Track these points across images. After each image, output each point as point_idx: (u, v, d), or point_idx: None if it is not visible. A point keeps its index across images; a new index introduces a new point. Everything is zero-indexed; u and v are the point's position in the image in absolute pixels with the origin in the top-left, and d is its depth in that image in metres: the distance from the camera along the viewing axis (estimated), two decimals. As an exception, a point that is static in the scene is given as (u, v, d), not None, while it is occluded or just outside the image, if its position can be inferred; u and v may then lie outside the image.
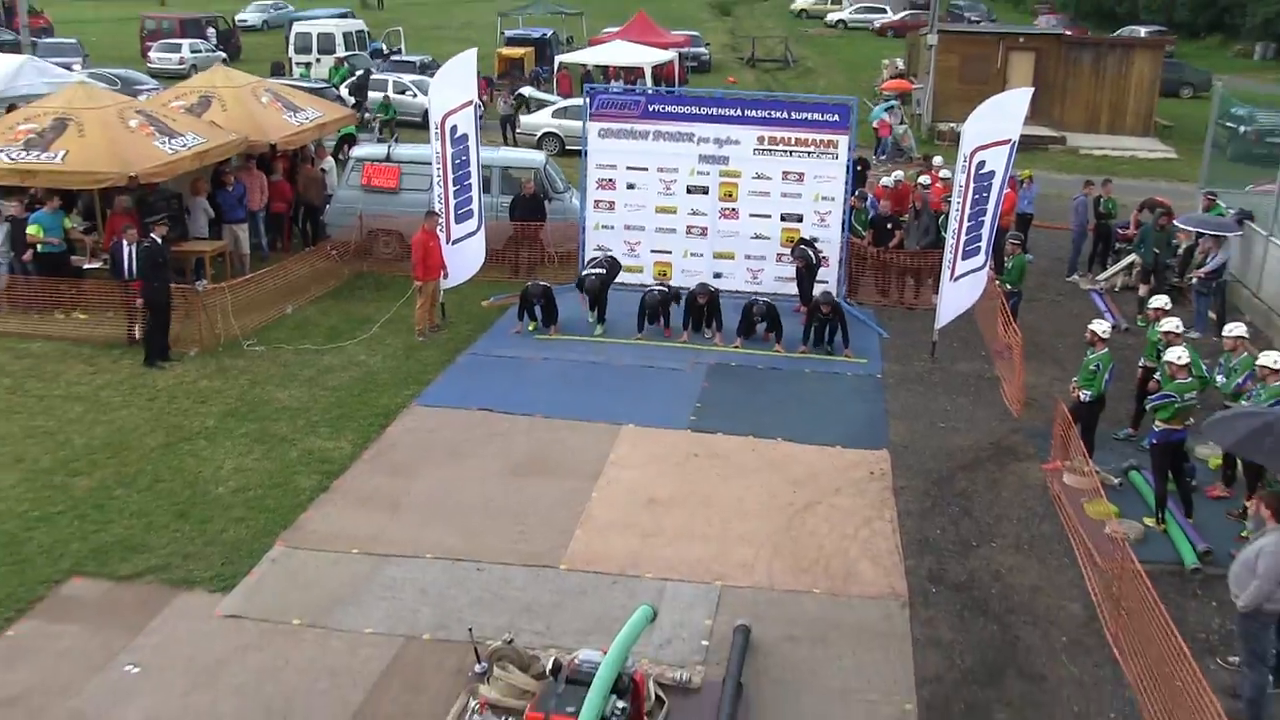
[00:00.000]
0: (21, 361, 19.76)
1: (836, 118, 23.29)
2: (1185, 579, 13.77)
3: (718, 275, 23.58)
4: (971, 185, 19.89)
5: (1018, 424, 18.05)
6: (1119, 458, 16.61)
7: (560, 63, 48.66)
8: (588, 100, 24.10)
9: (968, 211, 20.07)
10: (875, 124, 39.38)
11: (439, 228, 21.35)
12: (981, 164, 19.89)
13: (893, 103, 42.51)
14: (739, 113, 23.51)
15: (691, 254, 23.72)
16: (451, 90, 21.54)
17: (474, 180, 22.24)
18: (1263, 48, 64.37)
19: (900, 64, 55.92)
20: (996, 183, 20.23)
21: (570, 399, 18.47)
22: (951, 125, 38.40)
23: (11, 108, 26.02)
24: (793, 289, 22.78)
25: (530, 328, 21.66)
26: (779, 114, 23.46)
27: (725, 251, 23.73)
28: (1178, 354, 14.94)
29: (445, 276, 21.65)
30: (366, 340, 20.91)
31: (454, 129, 21.43)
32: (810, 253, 22.22)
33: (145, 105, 24.90)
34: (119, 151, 21.76)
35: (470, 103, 21.91)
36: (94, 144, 21.79)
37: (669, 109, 23.77)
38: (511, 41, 53.54)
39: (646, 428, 17.48)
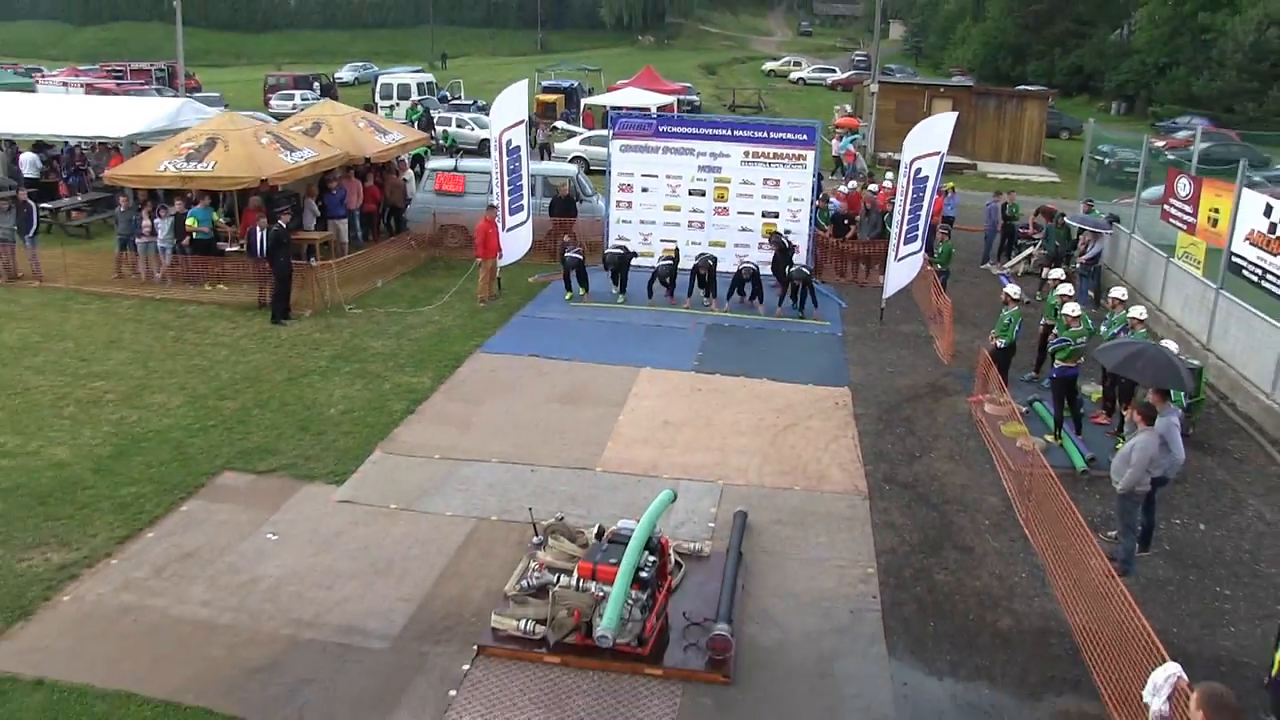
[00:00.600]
0: (181, 319, 19.73)
1: (805, 137, 23.22)
2: (1076, 479, 13.76)
3: (712, 260, 23.40)
4: (911, 187, 19.80)
5: (948, 369, 17.98)
6: (1024, 395, 16.54)
7: (585, 105, 48.54)
8: (611, 123, 24.03)
9: (908, 207, 19.99)
10: (843, 153, 39.28)
11: (496, 218, 21.23)
12: (919, 170, 19.79)
13: (855, 136, 42.42)
14: (729, 133, 23.38)
15: (692, 242, 23.41)
16: (508, 111, 21.41)
17: (524, 182, 22.15)
18: (1117, 105, 65.32)
19: (849, 108, 55.76)
20: (930, 185, 20.14)
21: (600, 348, 18.40)
22: (890, 154, 38.35)
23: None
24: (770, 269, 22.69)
25: (567, 296, 21.62)
26: (760, 134, 23.35)
27: (718, 240, 23.55)
28: (1073, 308, 14.94)
29: (501, 256, 21.56)
30: (440, 306, 20.82)
31: (509, 142, 21.30)
32: (784, 240, 22.00)
33: (273, 128, 24.77)
34: (254, 161, 21.81)
35: (522, 121, 21.81)
36: (236, 156, 21.81)
37: (675, 130, 23.67)
38: (546, 90, 53.37)
39: (660, 370, 17.40)
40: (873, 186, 26.48)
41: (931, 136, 20.02)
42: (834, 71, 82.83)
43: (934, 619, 10.51)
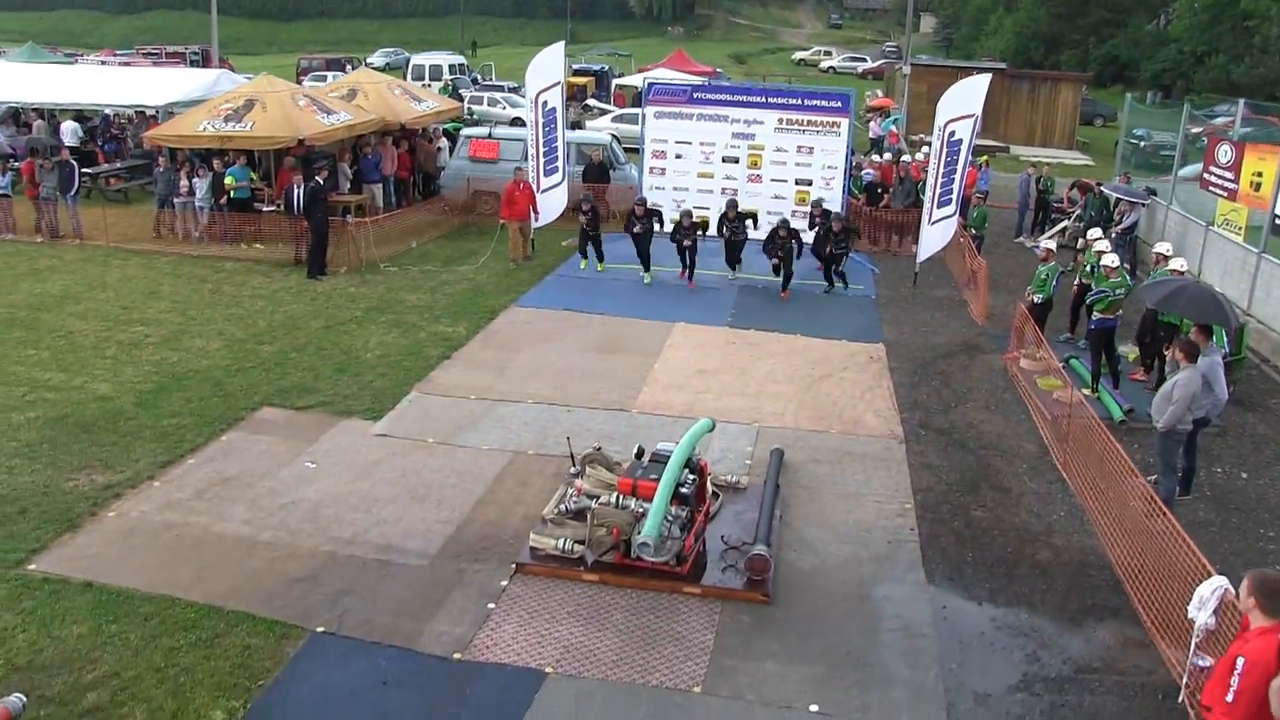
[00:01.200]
0: (218, 274, 19.90)
1: (839, 104, 23.11)
2: (1114, 429, 13.61)
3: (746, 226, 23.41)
4: (944, 150, 19.73)
5: (982, 330, 17.90)
6: (1061, 354, 16.40)
7: (617, 84, 48.66)
8: (646, 90, 24.01)
9: (941, 170, 19.91)
10: (886, 134, 39.06)
11: (521, 181, 21.28)
12: (952, 133, 19.71)
13: (897, 117, 42.21)
14: (763, 100, 23.31)
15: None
16: (544, 73, 21.44)
17: (559, 144, 22.18)
18: (1153, 94, 64.57)
19: (880, 93, 55.54)
20: (964, 148, 20.03)
21: (634, 305, 18.44)
22: (921, 136, 38.09)
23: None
24: (811, 237, 22.52)
25: (582, 266, 21.06)
26: (794, 101, 23.27)
27: (751, 208, 23.44)
28: (1112, 259, 14.86)
29: (536, 217, 21.58)
30: (474, 266, 20.88)
31: (544, 103, 21.35)
32: (829, 218, 20.60)
33: (310, 91, 24.94)
34: (291, 122, 21.97)
35: (558, 83, 21.83)
36: (273, 117, 22.00)
37: (709, 97, 23.62)
38: (577, 73, 53.42)
39: (694, 324, 17.43)
40: (906, 157, 26.37)
41: (966, 99, 19.91)
42: (864, 60, 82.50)
43: (972, 550, 10.46)
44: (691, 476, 9.73)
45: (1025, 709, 8.04)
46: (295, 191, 20.35)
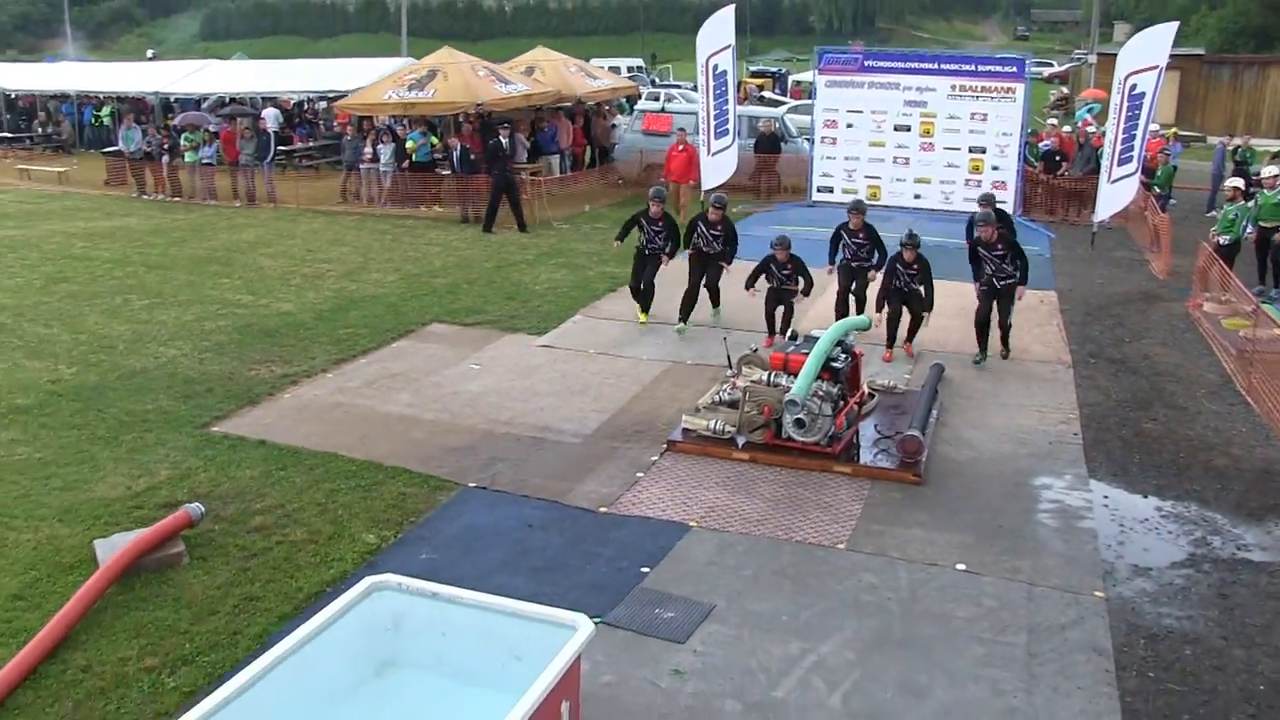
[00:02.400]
0: (399, 228, 20.85)
1: (1014, 70, 22.59)
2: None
3: (916, 196, 23.09)
4: (1125, 104, 19.00)
5: (1163, 284, 17.15)
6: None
7: (794, 80, 48.76)
8: (817, 58, 23.94)
9: (1122, 125, 19.17)
10: (1080, 122, 37.91)
11: (701, 143, 21.47)
12: (1134, 86, 18.93)
13: (1095, 106, 40.85)
14: (936, 66, 22.96)
15: (896, 179, 23.21)
16: (715, 36, 21.61)
17: (730, 107, 22.27)
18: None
19: (1065, 90, 53.91)
20: (1146, 102, 19.16)
21: (803, 255, 18.30)
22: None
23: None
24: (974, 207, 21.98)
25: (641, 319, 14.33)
26: (968, 67, 22.82)
27: (924, 177, 23.16)
28: (1271, 169, 14.04)
29: (694, 180, 21.64)
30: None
31: (715, 66, 21.52)
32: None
33: (490, 64, 25.80)
34: (471, 90, 22.84)
35: (728, 46, 21.94)
36: (454, 85, 22.92)
37: (881, 64, 23.39)
38: (755, 75, 53.79)
39: (860, 272, 17.23)
40: (1090, 127, 25.50)
41: (1149, 49, 19.11)
42: (1050, 65, 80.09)
43: (1139, 454, 10.03)
44: (844, 355, 9.66)
45: (1191, 583, 7.66)
46: (456, 150, 21.23)
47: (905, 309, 12.88)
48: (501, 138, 20.75)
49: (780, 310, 13.39)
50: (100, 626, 6.69)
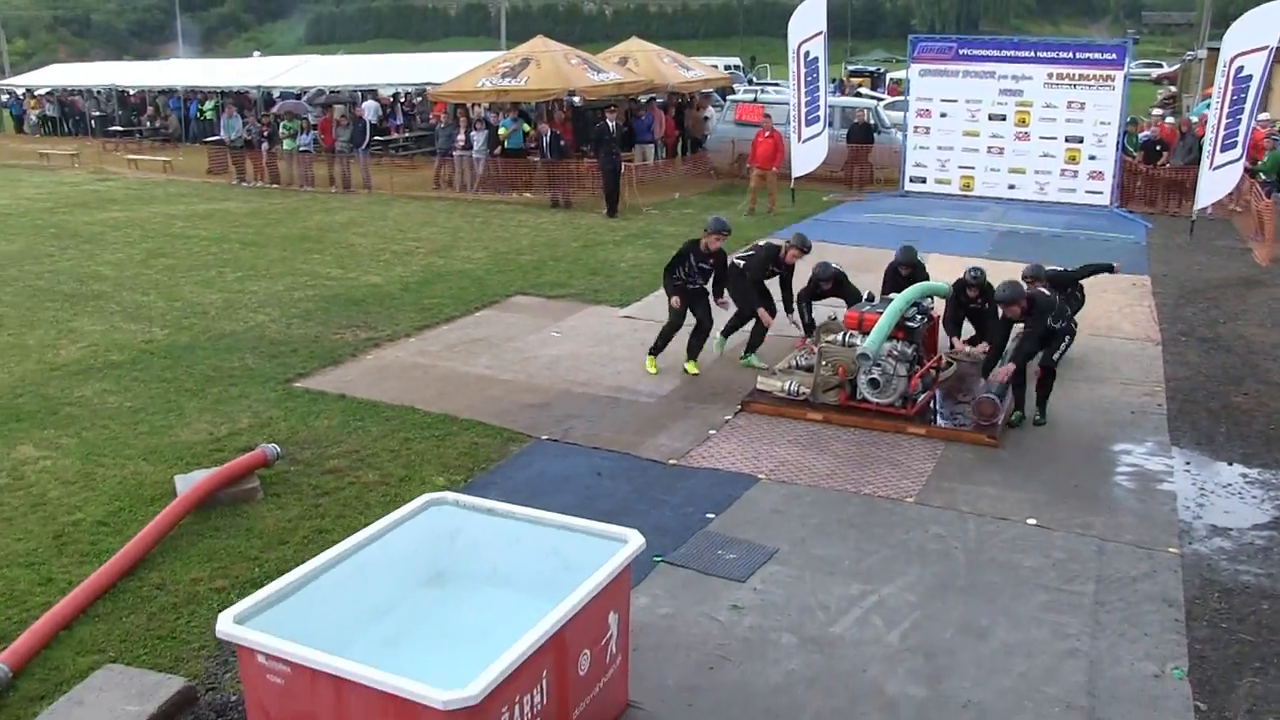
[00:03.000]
0: (489, 212, 21.23)
1: (1113, 57, 22.10)
2: None
3: (1011, 187, 22.74)
4: (1230, 88, 18.50)
5: (1266, 270, 16.65)
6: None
7: (891, 79, 48.43)
8: (911, 46, 23.73)
9: (1225, 109, 18.66)
10: (1196, 119, 36.94)
11: (791, 131, 21.45)
12: (1240, 69, 18.43)
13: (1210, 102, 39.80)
14: (1032, 54, 22.54)
15: (990, 169, 22.90)
16: (806, 23, 21.59)
17: (821, 93, 22.20)
18: None
19: (1173, 87, 52.68)
20: (1253, 86, 18.63)
21: (891, 239, 18.13)
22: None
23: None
24: (1085, 198, 21.74)
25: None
26: (1065, 54, 22.39)
27: (1018, 167, 22.80)
28: None
29: (776, 168, 21.59)
30: (736, 210, 21.16)
31: (807, 53, 21.49)
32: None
33: (583, 53, 26.09)
34: (563, 77, 23.18)
35: (820, 33, 21.85)
36: (547, 73, 23.26)
37: (975, 52, 23.05)
38: (853, 74, 53.56)
39: (948, 255, 17.04)
40: (1194, 117, 24.87)
41: (1258, 29, 18.53)
42: (1159, 66, 78.34)
43: (1226, 425, 9.78)
44: (921, 316, 9.60)
45: (1273, 544, 7.47)
46: (546, 137, 21.53)
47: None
48: (609, 121, 20.96)
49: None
50: (176, 551, 6.97)
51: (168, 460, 8.44)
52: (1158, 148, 23.06)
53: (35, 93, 40.77)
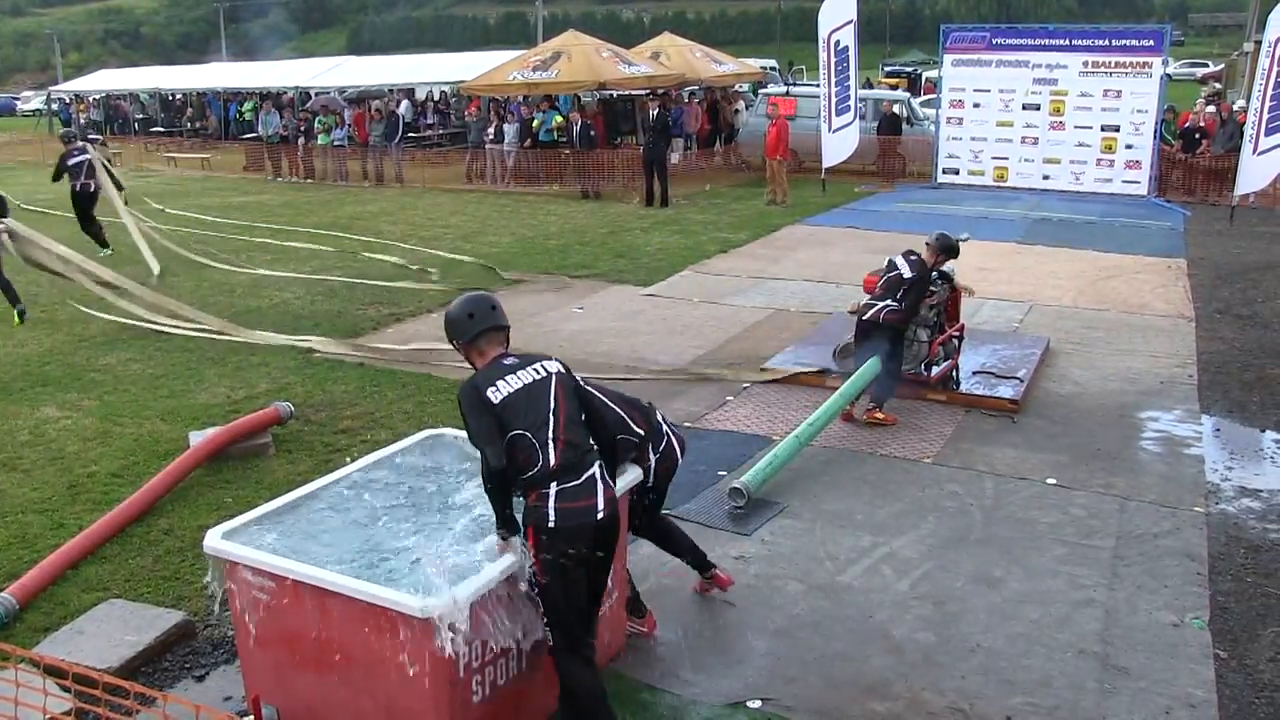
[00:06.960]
0: (519, 203, 21.29)
1: (1151, 43, 21.73)
2: None
3: (1045, 177, 22.45)
4: (1275, 69, 18.14)
5: (1309, 255, 16.35)
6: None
7: (926, 77, 48.20)
8: (943, 37, 23.48)
9: (1270, 93, 18.30)
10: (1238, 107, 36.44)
11: (822, 121, 21.32)
12: (1284, 50, 18.12)
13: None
14: (1067, 42, 22.20)
15: (1024, 159, 22.62)
16: (836, 11, 21.48)
17: (851, 80, 22.03)
18: None
19: (1217, 85, 51.96)
20: (1299, 67, 18.33)
21: (920, 226, 17.97)
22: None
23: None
24: (1122, 188, 21.48)
25: None
26: (1101, 42, 22.03)
27: (1053, 157, 22.49)
28: None
29: (784, 157, 21.38)
30: (762, 200, 21.07)
31: (837, 42, 21.37)
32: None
33: (615, 46, 26.11)
34: (594, 70, 23.17)
35: (850, 22, 21.72)
36: (578, 66, 23.26)
37: (1009, 41, 22.75)
38: (889, 75, 53.32)
39: (982, 241, 16.79)
40: (1239, 104, 24.43)
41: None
42: (1205, 65, 77.36)
43: (1260, 394, 9.55)
44: (942, 283, 9.45)
45: (1303, 505, 7.28)
46: (576, 127, 21.60)
47: None
48: (663, 108, 21.03)
49: None
50: (186, 500, 6.98)
51: (184, 420, 8.46)
52: (1197, 135, 22.68)
53: (83, 98, 41.56)
